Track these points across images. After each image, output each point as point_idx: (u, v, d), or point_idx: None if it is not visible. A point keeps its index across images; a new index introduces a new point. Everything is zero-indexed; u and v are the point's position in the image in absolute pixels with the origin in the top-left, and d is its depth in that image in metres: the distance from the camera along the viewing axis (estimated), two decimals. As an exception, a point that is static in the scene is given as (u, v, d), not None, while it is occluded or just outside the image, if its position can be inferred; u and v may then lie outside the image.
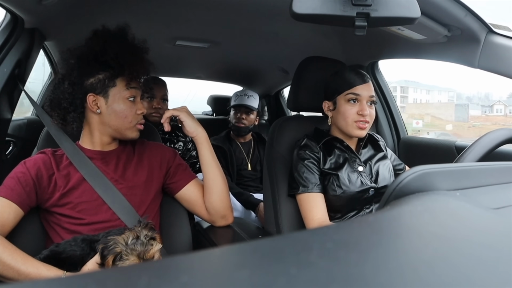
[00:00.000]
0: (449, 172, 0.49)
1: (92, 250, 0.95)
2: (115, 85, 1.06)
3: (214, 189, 1.18)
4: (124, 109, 1.07)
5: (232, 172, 2.16)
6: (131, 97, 1.08)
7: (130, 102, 1.08)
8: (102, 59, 1.04)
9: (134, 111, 1.09)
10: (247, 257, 0.27)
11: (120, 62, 1.04)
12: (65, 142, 1.10)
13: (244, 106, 2.21)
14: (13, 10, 1.26)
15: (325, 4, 0.64)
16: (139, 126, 1.12)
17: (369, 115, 1.20)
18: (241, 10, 1.53)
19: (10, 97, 1.39)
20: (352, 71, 1.25)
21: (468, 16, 1.08)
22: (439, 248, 0.29)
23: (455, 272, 0.25)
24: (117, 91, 1.06)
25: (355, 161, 1.25)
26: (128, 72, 1.06)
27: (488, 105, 20.13)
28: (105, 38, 1.07)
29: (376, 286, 0.23)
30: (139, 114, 1.10)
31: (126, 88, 1.07)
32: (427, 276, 0.24)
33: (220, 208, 1.20)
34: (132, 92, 1.08)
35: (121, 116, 1.07)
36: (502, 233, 0.35)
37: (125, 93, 1.07)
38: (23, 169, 1.02)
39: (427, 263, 0.26)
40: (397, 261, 0.27)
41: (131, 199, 1.08)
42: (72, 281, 0.23)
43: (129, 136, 1.11)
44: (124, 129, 1.09)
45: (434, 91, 50.01)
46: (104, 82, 1.05)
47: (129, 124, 1.09)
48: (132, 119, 1.09)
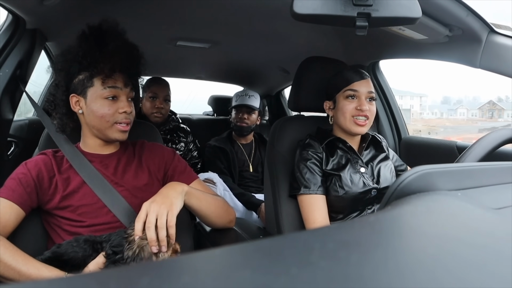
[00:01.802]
0: (450, 172, 0.49)
1: (94, 251, 0.95)
2: (92, 85, 1.05)
3: (212, 220, 1.17)
4: (99, 108, 1.05)
5: (234, 173, 2.16)
6: (109, 96, 1.05)
7: (109, 101, 1.05)
8: (80, 59, 1.04)
9: (114, 110, 1.05)
10: (248, 257, 0.27)
11: (89, 60, 1.03)
12: (64, 144, 1.10)
13: (245, 106, 2.21)
14: (14, 11, 1.26)
15: (326, 4, 0.64)
16: (120, 126, 1.07)
17: (369, 110, 1.20)
18: (242, 11, 1.53)
19: (12, 98, 1.39)
20: (350, 69, 1.26)
21: (470, 16, 1.08)
22: (440, 248, 0.29)
23: (457, 272, 0.25)
24: (94, 91, 1.05)
25: (358, 162, 1.25)
26: (99, 71, 1.03)
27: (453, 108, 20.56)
28: (81, 38, 1.07)
29: (377, 286, 0.23)
30: (120, 113, 1.06)
31: (103, 87, 1.05)
32: (428, 276, 0.24)
33: (221, 225, 1.20)
34: (112, 91, 1.05)
35: (97, 116, 1.05)
36: (504, 233, 0.35)
37: (102, 92, 1.05)
38: (24, 170, 1.02)
39: (428, 264, 0.26)
40: (398, 261, 0.27)
41: (132, 201, 1.08)
42: (73, 281, 0.23)
43: (112, 137, 1.08)
44: (104, 129, 1.07)
45: (406, 97, 49.95)
46: (83, 82, 1.05)
47: (107, 123, 1.06)
48: (110, 119, 1.05)
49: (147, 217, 0.91)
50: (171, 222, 0.92)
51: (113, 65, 1.04)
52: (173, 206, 0.94)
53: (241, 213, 1.92)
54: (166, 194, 0.97)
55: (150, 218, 0.90)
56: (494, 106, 9.02)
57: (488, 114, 8.40)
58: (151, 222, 0.90)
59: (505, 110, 9.56)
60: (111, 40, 1.06)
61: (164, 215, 0.91)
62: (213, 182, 1.94)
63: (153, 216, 0.91)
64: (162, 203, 0.93)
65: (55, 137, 1.11)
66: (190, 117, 2.95)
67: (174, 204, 0.95)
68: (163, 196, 0.96)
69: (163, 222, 0.90)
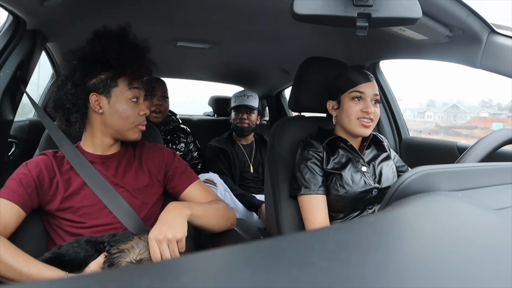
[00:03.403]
0: (451, 173, 0.49)
1: (96, 251, 0.95)
2: (117, 85, 1.06)
3: (213, 230, 1.16)
4: (126, 110, 1.07)
5: (235, 173, 2.16)
6: (133, 98, 1.07)
7: (133, 103, 1.08)
8: (103, 59, 1.04)
9: (137, 112, 1.08)
10: (249, 257, 0.27)
11: (122, 62, 1.04)
12: (65, 145, 1.09)
13: (244, 106, 2.22)
14: (15, 12, 1.26)
15: (326, 5, 0.64)
16: (141, 127, 1.11)
17: (373, 113, 1.20)
18: (242, 11, 1.53)
19: (12, 99, 1.39)
20: (356, 70, 1.26)
21: (470, 16, 1.08)
22: (441, 249, 0.29)
23: (457, 273, 0.25)
24: (120, 92, 1.06)
25: (359, 161, 1.25)
26: (130, 72, 1.05)
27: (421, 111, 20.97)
28: (106, 38, 1.06)
29: (377, 287, 0.23)
30: (141, 115, 1.10)
31: (128, 88, 1.07)
32: (429, 277, 0.24)
33: (222, 229, 1.19)
34: (135, 92, 1.08)
35: (123, 117, 1.07)
36: (504, 234, 0.35)
37: (128, 94, 1.07)
38: (25, 170, 1.02)
39: (429, 264, 0.26)
40: (398, 262, 0.27)
41: (132, 202, 1.08)
42: (74, 281, 0.23)
43: (131, 138, 1.10)
44: (126, 129, 1.09)
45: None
46: (106, 82, 1.05)
47: (131, 124, 1.08)
48: (134, 120, 1.08)
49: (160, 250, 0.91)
50: (182, 249, 0.94)
51: (142, 67, 1.07)
52: (180, 234, 0.94)
53: (241, 214, 1.92)
54: (172, 223, 0.95)
55: (163, 248, 0.91)
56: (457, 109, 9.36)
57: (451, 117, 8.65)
58: (166, 253, 0.91)
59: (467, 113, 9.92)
60: (139, 43, 1.10)
61: (176, 249, 0.92)
62: (214, 183, 1.94)
63: (165, 248, 0.91)
64: (170, 234, 0.92)
65: (55, 137, 1.11)
66: (191, 117, 2.95)
67: (180, 231, 0.94)
68: (170, 226, 0.94)
69: (177, 254, 0.92)
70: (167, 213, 0.98)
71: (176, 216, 0.97)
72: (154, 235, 0.91)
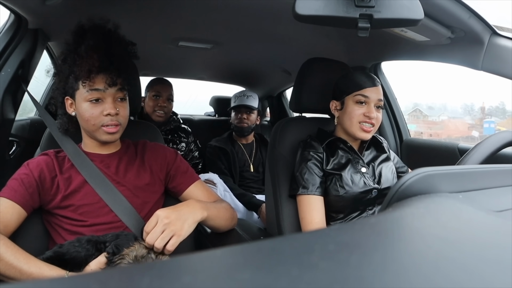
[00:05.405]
0: (451, 174, 0.49)
1: (97, 251, 0.95)
2: (78, 88, 1.04)
3: (218, 229, 1.17)
4: (84, 111, 1.03)
5: (235, 173, 2.16)
6: (92, 99, 1.03)
7: (92, 104, 1.03)
8: (67, 62, 1.04)
9: (98, 112, 1.03)
10: (249, 258, 0.27)
11: (69, 63, 1.03)
12: (66, 143, 1.10)
13: (244, 106, 2.22)
14: (17, 11, 1.27)
15: (328, 6, 0.64)
16: (106, 128, 1.04)
17: (376, 118, 1.20)
18: (244, 11, 1.53)
19: (14, 98, 1.40)
20: (363, 73, 1.26)
21: (472, 17, 1.08)
22: (441, 251, 0.29)
23: (458, 274, 0.25)
24: (80, 94, 1.04)
25: (358, 162, 1.25)
26: (77, 74, 1.02)
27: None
28: (74, 39, 1.06)
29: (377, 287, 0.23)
30: (105, 116, 1.03)
31: (85, 90, 1.03)
32: (429, 278, 0.24)
33: (227, 229, 1.20)
34: (93, 94, 1.02)
35: (83, 119, 1.05)
36: (505, 235, 0.35)
37: (86, 95, 1.03)
38: (26, 170, 1.02)
39: (429, 266, 0.26)
40: (399, 263, 0.27)
41: (133, 201, 1.08)
42: (74, 281, 0.23)
43: (101, 139, 1.07)
44: (92, 131, 1.06)
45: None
46: (72, 85, 1.05)
47: (93, 126, 1.04)
48: (96, 122, 1.03)
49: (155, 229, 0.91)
50: (170, 247, 0.91)
51: (89, 67, 0.99)
52: (181, 232, 0.93)
53: (241, 214, 1.92)
54: (183, 217, 0.95)
55: (156, 229, 0.91)
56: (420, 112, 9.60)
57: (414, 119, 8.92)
58: (156, 232, 0.90)
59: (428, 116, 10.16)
60: (87, 39, 1.03)
61: (166, 239, 0.91)
62: (214, 183, 1.94)
63: (160, 229, 0.91)
64: (172, 225, 0.92)
65: (57, 136, 1.12)
66: (192, 117, 2.96)
67: (183, 230, 0.94)
68: (178, 218, 0.94)
69: (161, 247, 0.90)
70: (185, 207, 0.99)
71: (189, 214, 0.97)
72: (163, 214, 0.93)
